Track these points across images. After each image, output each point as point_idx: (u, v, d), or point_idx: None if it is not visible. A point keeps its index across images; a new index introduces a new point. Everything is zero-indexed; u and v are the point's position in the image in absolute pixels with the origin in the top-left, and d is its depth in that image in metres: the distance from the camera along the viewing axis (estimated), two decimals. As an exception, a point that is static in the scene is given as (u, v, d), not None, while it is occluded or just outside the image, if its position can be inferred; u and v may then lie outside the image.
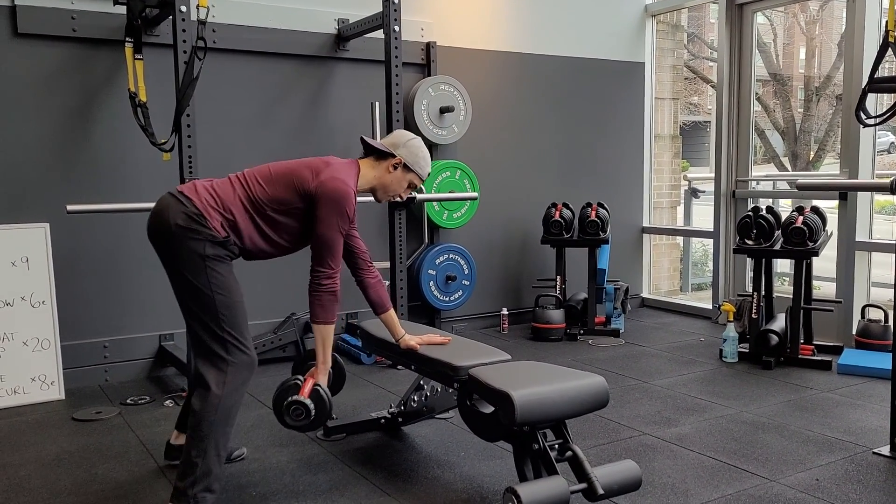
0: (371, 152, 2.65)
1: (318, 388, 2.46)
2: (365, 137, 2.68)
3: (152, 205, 3.51)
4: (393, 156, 2.61)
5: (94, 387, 3.93)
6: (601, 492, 2.27)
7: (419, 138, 2.70)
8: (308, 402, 2.42)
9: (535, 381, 2.37)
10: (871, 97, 3.19)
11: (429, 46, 4.87)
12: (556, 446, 2.38)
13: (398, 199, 2.74)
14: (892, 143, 12.78)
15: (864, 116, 2.95)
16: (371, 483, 2.68)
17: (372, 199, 2.77)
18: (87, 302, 3.95)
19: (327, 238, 2.43)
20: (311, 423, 2.45)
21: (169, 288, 4.20)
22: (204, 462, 2.26)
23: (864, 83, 2.98)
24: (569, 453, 2.36)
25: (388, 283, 3.98)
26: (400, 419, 3.16)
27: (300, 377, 2.49)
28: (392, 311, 2.80)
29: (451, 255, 4.94)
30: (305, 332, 4.42)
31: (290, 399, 2.43)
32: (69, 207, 3.42)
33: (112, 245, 3.99)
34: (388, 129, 4.09)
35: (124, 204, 3.69)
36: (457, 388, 2.59)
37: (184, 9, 3.43)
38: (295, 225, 2.49)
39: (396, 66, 4.07)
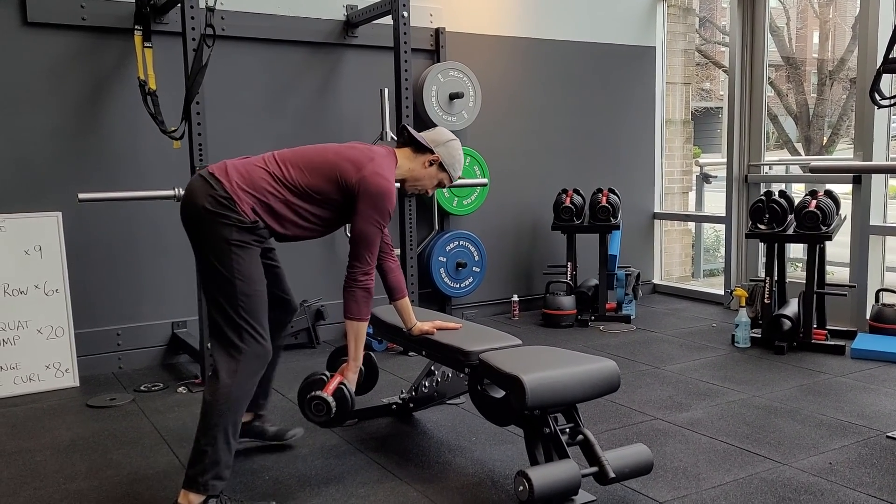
0: (411, 143, 2.64)
1: (343, 386, 2.46)
2: (408, 128, 2.67)
3: (163, 192, 3.57)
4: (432, 152, 2.61)
5: (107, 374, 3.96)
6: (612, 475, 2.27)
7: (458, 141, 2.69)
8: (330, 399, 2.42)
9: (545, 366, 2.36)
10: (885, 78, 3.15)
11: (438, 32, 4.84)
12: (567, 430, 2.38)
13: (424, 194, 2.73)
14: (908, 126, 12.63)
15: (878, 97, 2.91)
16: (383, 468, 2.69)
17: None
18: (100, 290, 3.97)
19: (366, 234, 2.41)
20: (332, 419, 2.45)
21: (181, 275, 4.24)
22: (214, 450, 2.26)
23: (879, 64, 2.94)
24: (580, 437, 2.36)
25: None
26: (411, 405, 3.17)
27: (327, 373, 2.49)
28: (407, 299, 2.80)
29: (461, 242, 4.94)
30: (317, 319, 4.44)
31: (313, 394, 2.44)
32: (81, 196, 3.43)
33: (124, 233, 4.02)
34: (398, 116, 4.08)
35: (135, 192, 3.70)
36: (468, 373, 2.59)
37: (192, -4, 3.43)
38: (329, 213, 2.47)
39: (405, 52, 4.06)
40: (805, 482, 2.50)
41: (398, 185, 2.68)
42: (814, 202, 4.08)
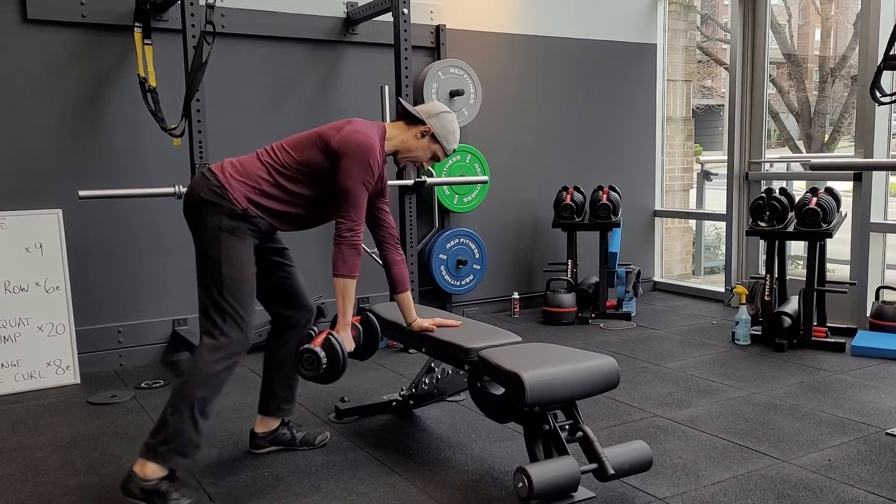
0: (404, 116, 2.67)
1: (332, 337, 2.45)
2: (402, 100, 2.72)
3: (163, 190, 3.58)
4: (424, 123, 2.63)
5: (108, 371, 3.96)
6: (612, 472, 2.27)
7: (454, 113, 2.71)
8: (319, 350, 2.41)
9: (545, 362, 2.36)
10: (886, 75, 3.15)
11: (438, 29, 4.84)
12: (567, 427, 2.38)
13: (419, 166, 2.75)
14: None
15: (878, 94, 2.91)
16: (383, 464, 2.70)
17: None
18: (100, 287, 3.98)
19: (348, 188, 2.43)
20: (326, 373, 2.42)
21: (182, 273, 4.23)
22: (177, 420, 2.26)
23: (880, 61, 2.93)
24: (579, 434, 2.36)
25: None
26: (411, 402, 3.17)
27: (315, 328, 2.50)
28: (409, 293, 2.80)
29: (461, 240, 4.94)
30: (317, 316, 4.42)
31: (302, 348, 2.44)
32: (81, 193, 3.43)
33: (125, 230, 4.02)
34: (398, 112, 4.08)
35: (136, 189, 3.70)
36: (467, 370, 2.59)
37: (192, -7, 3.43)
38: (322, 189, 2.49)
39: (406, 49, 4.06)
40: (804, 479, 2.50)
41: (392, 157, 2.70)
42: (814, 199, 4.08)
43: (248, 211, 2.40)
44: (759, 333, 4.24)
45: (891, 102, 3.02)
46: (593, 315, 4.96)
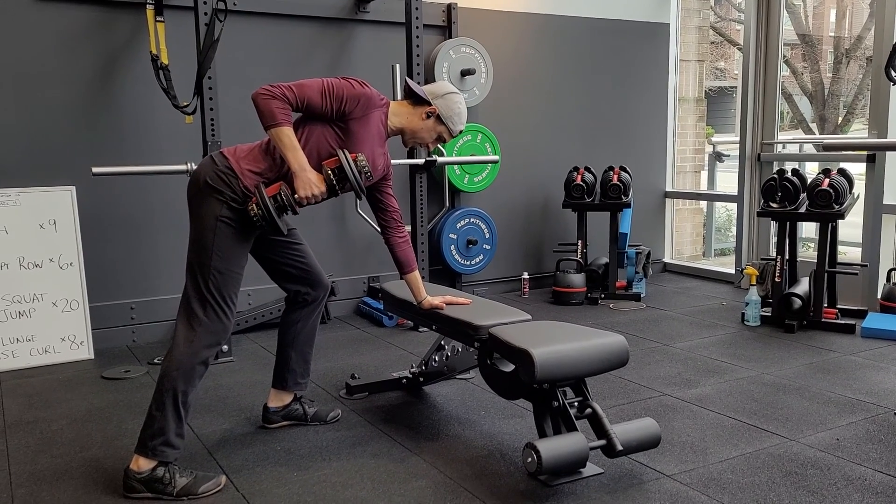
0: (410, 95, 2.65)
1: (279, 196, 2.33)
2: (409, 80, 2.67)
3: (176, 167, 3.59)
4: (429, 104, 2.61)
5: (122, 347, 4.01)
6: (620, 448, 2.29)
7: (460, 94, 2.67)
8: (253, 208, 2.32)
9: (554, 340, 2.38)
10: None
11: (450, 8, 4.81)
12: (576, 404, 2.40)
13: (425, 147, 2.74)
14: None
15: (893, 74, 2.88)
16: (393, 440, 2.73)
17: (398, 162, 2.76)
18: (113, 263, 4.01)
19: (304, 80, 2.42)
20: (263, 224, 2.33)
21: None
22: (162, 416, 2.30)
23: (895, 40, 2.91)
24: (588, 410, 2.38)
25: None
26: (421, 379, 3.20)
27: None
28: (417, 273, 2.80)
29: (472, 219, 4.94)
30: (329, 295, 4.46)
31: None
32: (94, 170, 3.45)
33: (138, 207, 4.04)
34: (404, 92, 4.07)
35: (148, 166, 3.72)
36: (477, 348, 2.61)
37: (204, -30, 3.42)
38: (327, 144, 2.46)
39: (417, 27, 4.04)
40: (812, 457, 2.51)
41: (399, 138, 2.69)
42: (826, 180, 4.05)
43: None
44: (769, 315, 4.24)
45: (906, 82, 2.99)
46: (603, 296, 4.97)
